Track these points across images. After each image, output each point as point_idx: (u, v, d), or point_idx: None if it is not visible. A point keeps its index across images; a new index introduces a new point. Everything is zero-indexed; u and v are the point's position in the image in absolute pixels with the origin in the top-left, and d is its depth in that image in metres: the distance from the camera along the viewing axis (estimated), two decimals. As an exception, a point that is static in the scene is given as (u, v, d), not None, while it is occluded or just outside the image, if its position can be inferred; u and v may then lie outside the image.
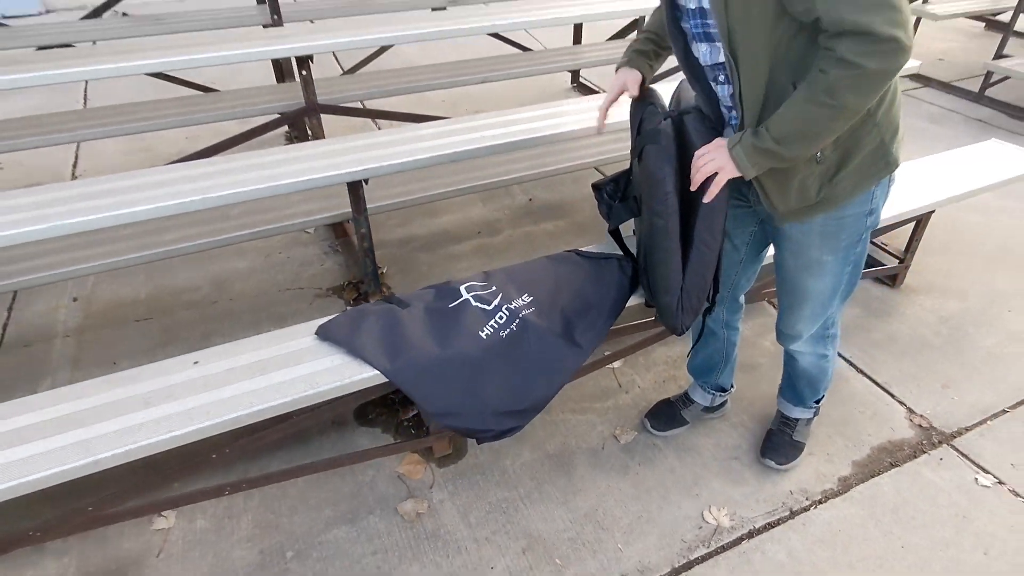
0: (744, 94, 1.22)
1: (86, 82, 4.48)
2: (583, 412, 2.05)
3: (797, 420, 1.88)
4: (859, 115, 1.18)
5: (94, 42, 3.68)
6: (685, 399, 1.97)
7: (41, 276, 2.01)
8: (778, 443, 1.87)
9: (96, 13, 3.53)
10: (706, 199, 1.33)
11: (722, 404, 2.00)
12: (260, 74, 4.45)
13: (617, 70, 1.56)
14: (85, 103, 4.21)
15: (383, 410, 2.03)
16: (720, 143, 1.29)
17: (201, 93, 3.68)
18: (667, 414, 1.96)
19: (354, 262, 2.72)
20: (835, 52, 1.08)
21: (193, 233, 2.19)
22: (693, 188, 1.34)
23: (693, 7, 1.21)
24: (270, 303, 2.51)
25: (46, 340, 2.32)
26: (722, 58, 1.23)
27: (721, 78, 1.29)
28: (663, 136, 1.38)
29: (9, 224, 1.58)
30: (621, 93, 1.55)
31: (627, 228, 1.74)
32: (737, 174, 1.27)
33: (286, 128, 3.70)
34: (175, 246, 2.14)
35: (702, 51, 1.27)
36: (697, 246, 1.40)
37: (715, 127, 1.37)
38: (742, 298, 1.78)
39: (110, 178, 1.79)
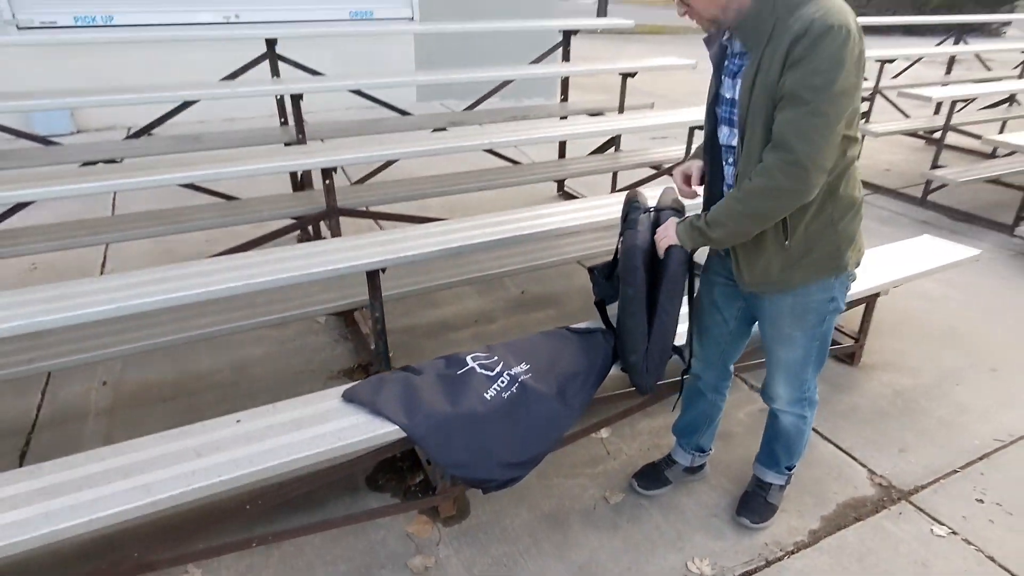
0: (739, 176, 1.56)
1: (114, 193, 4.89)
2: (575, 476, 2.24)
3: (771, 484, 2.08)
4: (771, 222, 1.53)
5: (120, 160, 4.08)
6: (668, 460, 2.18)
7: (93, 355, 2.24)
8: (753, 503, 2.07)
9: (137, 135, 3.98)
10: (660, 255, 1.70)
11: (701, 467, 2.20)
12: (275, 184, 4.90)
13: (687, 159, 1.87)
14: (113, 211, 4.59)
15: (392, 476, 2.22)
16: (674, 220, 1.65)
17: (223, 201, 4.06)
18: (652, 475, 2.16)
19: (363, 347, 2.97)
20: (763, 161, 1.44)
21: (224, 318, 2.46)
22: (660, 255, 1.69)
23: (729, 96, 1.56)
24: (286, 384, 2.73)
25: (79, 419, 2.50)
26: (735, 141, 1.57)
27: (730, 160, 1.63)
28: (640, 224, 1.73)
29: (86, 304, 1.85)
30: (688, 173, 1.79)
31: (612, 309, 2.04)
32: (677, 242, 1.65)
33: (299, 232, 4.07)
34: (209, 329, 2.39)
35: (724, 133, 1.62)
36: (659, 314, 1.70)
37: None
38: (731, 367, 2.03)
39: (165, 268, 2.08)
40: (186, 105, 3.74)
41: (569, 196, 4.89)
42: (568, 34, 4.82)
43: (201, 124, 7.00)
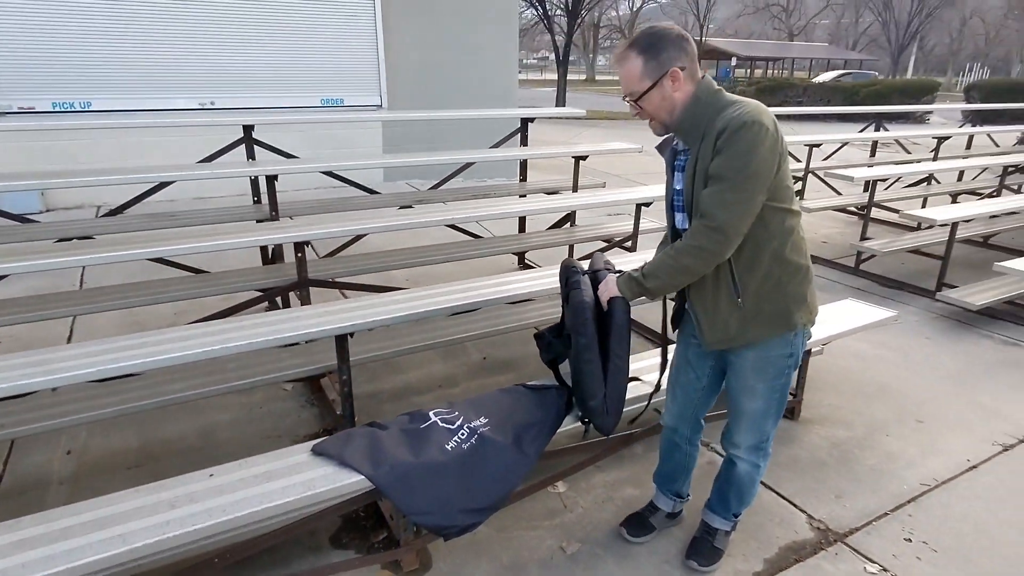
0: None
1: (83, 269, 4.97)
2: (533, 529, 2.34)
3: (718, 530, 2.22)
4: (695, 276, 1.80)
5: (92, 237, 4.19)
6: (651, 507, 2.32)
7: (62, 420, 2.30)
8: (701, 548, 2.20)
9: (111, 213, 4.14)
10: (605, 308, 1.94)
11: (680, 512, 2.34)
12: (244, 260, 5.05)
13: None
14: (81, 285, 4.65)
15: (355, 534, 2.28)
16: (614, 276, 1.91)
17: (191, 274, 4.18)
18: (638, 522, 2.29)
19: (328, 412, 3.07)
20: (692, 226, 1.71)
21: (195, 383, 2.55)
22: (604, 307, 1.93)
23: (679, 187, 1.84)
24: (252, 450, 2.77)
25: (41, 488, 2.51)
26: (687, 225, 1.83)
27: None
28: (583, 283, 1.97)
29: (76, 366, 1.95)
30: None
31: (564, 368, 2.23)
32: (619, 294, 1.89)
33: (267, 303, 4.19)
34: (179, 395, 2.48)
35: (678, 219, 1.89)
36: (612, 359, 1.90)
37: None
38: (703, 420, 2.20)
39: (142, 335, 2.20)
40: (162, 186, 3.93)
41: (529, 268, 5.15)
42: (526, 121, 5.24)
43: (171, 203, 7.17)
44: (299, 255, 3.13)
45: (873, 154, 8.17)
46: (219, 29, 7.08)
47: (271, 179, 3.71)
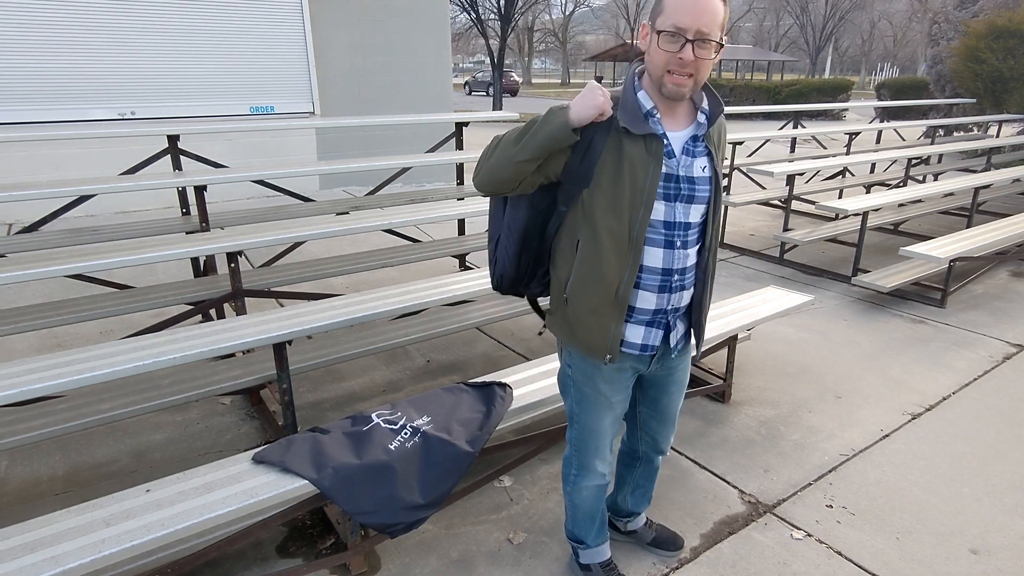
0: (710, 248, 1.74)
1: (-4, 289, 4.69)
2: (481, 523, 2.39)
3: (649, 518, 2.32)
4: None
5: (4, 255, 3.97)
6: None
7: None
8: (668, 536, 2.26)
9: (25, 231, 3.94)
10: None
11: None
12: (174, 273, 4.89)
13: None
14: (-5, 307, 4.39)
15: (302, 543, 2.27)
16: None
17: (117, 291, 4.02)
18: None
19: (270, 424, 3.02)
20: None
21: (127, 402, 2.47)
22: None
23: (685, 174, 1.62)
24: (190, 467, 2.71)
25: (-39, 521, 2.38)
26: (693, 217, 1.66)
27: (679, 241, 1.67)
28: None
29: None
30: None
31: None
32: None
33: (200, 316, 4.08)
34: (111, 414, 2.40)
35: (678, 211, 1.64)
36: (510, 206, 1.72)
37: None
38: None
39: (68, 352, 2.12)
40: (82, 200, 3.77)
41: (470, 270, 5.19)
42: (460, 125, 5.29)
43: (92, 219, 6.86)
44: (232, 265, 3.08)
45: (793, 150, 8.62)
46: (139, 36, 6.82)
47: (200, 189, 3.62)
